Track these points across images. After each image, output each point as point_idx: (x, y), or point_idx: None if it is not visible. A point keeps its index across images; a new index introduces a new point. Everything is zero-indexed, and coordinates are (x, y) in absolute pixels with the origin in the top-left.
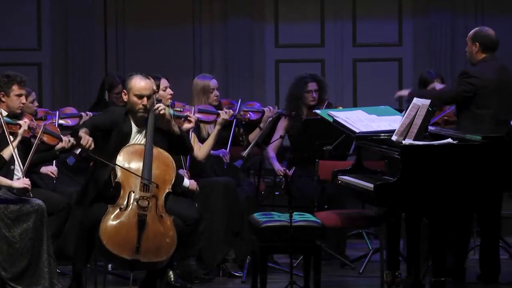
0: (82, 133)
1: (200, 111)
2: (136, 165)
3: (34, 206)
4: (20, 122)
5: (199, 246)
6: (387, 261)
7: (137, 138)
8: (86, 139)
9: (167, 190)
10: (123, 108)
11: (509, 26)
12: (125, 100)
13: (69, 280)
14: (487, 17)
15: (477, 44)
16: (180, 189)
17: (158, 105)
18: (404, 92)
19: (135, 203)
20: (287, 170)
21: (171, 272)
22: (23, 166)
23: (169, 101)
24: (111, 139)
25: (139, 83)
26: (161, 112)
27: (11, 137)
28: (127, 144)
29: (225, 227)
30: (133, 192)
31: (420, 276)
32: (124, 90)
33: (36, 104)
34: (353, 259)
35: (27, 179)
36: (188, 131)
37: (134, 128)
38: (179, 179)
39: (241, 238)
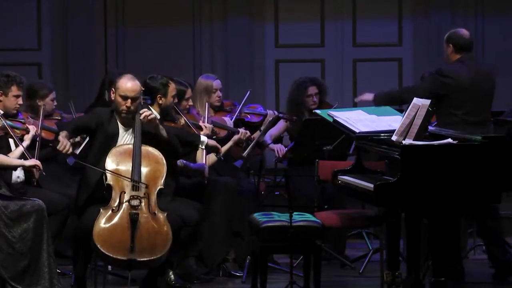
0: (61, 137)
1: (214, 125)
2: (125, 166)
3: (34, 206)
4: (30, 127)
5: (199, 246)
6: (387, 261)
7: (126, 138)
8: (63, 144)
9: (158, 187)
10: (108, 108)
11: (509, 26)
12: (112, 98)
13: (69, 280)
14: (487, 17)
15: (451, 45)
16: (202, 146)
17: (142, 110)
18: (368, 96)
19: (127, 203)
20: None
21: (171, 273)
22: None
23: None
24: (96, 139)
25: (126, 84)
26: (147, 118)
27: (15, 139)
28: (116, 145)
29: (225, 227)
30: (124, 193)
31: (420, 276)
32: (113, 88)
33: (55, 103)
34: (353, 259)
35: (38, 161)
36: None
37: (121, 128)
38: (195, 137)
39: (241, 238)
